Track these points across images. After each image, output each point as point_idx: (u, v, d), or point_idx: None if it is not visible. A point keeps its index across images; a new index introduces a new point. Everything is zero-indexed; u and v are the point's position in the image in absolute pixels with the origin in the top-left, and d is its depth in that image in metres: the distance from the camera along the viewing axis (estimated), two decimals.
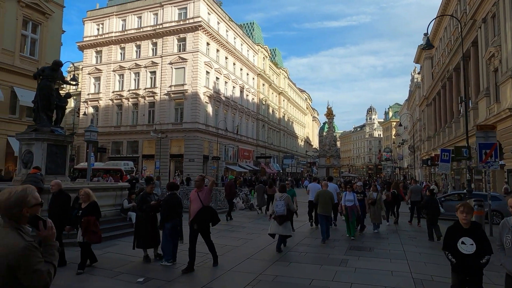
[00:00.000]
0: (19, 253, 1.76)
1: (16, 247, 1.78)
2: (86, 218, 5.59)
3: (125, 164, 30.46)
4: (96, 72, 40.94)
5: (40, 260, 1.84)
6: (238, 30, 46.28)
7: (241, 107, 46.04)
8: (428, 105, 44.61)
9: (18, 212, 1.87)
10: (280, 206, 7.60)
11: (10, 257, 1.75)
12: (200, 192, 6.08)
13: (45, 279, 1.84)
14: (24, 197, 1.91)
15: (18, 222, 1.89)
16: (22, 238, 1.83)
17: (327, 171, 54.40)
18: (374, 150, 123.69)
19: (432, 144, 41.25)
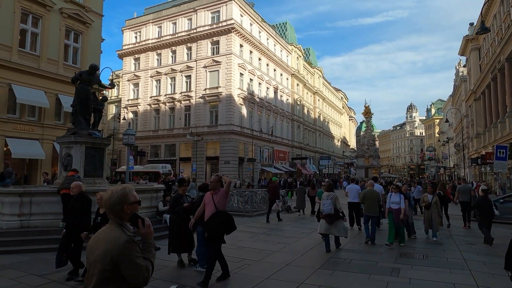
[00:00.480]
0: (121, 247, 1.87)
1: (119, 241, 1.89)
2: (104, 225, 5.09)
3: (163, 167, 31.19)
4: (134, 78, 42.39)
5: (139, 255, 1.94)
6: (271, 31, 45.96)
7: (275, 108, 45.59)
8: (476, 100, 41.52)
9: (120, 209, 1.99)
10: (327, 205, 7.67)
11: (113, 251, 1.86)
12: (215, 195, 5.50)
13: (143, 273, 1.92)
14: (124, 195, 2.02)
15: (120, 219, 2.02)
16: (124, 233, 1.95)
17: (366, 171, 52.43)
18: (416, 149, 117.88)
19: (482, 142, 38.25)
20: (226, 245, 7.68)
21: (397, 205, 8.48)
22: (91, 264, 1.96)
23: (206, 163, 36.93)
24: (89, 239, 5.07)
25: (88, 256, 2.01)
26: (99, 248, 1.93)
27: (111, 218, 2.04)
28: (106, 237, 1.95)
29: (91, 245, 2.02)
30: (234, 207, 14.14)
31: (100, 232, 2.06)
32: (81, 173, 8.87)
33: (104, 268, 1.89)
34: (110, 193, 2.06)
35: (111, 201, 2.02)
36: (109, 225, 2.03)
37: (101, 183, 9.38)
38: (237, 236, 9.11)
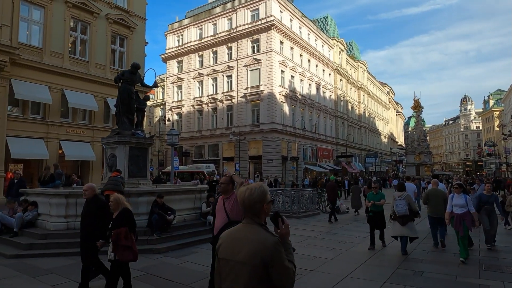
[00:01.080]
0: (271, 249, 1.77)
1: (268, 242, 1.79)
2: (116, 231, 4.39)
3: (207, 166, 31.38)
4: (178, 81, 43.34)
5: (286, 257, 1.84)
6: (311, 26, 44.69)
7: (318, 104, 44.26)
8: None
9: (260, 208, 1.92)
10: (401, 205, 7.29)
11: (264, 252, 1.76)
12: (226, 200, 4.34)
13: (292, 277, 1.84)
14: (264, 193, 1.96)
15: (259, 218, 1.93)
16: (270, 234, 1.86)
17: (417, 169, 49.16)
18: (472, 144, 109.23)
19: None
20: None
21: (462, 208, 6.88)
22: (232, 266, 1.83)
23: (249, 163, 36.68)
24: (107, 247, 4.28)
25: (223, 256, 1.88)
26: (244, 249, 1.81)
27: (248, 217, 1.94)
28: (252, 238, 1.83)
29: (227, 245, 1.90)
30: (280, 208, 13.52)
31: (237, 231, 1.92)
32: (125, 174, 8.75)
33: (253, 270, 1.77)
34: (249, 191, 1.96)
35: (252, 199, 1.93)
36: (247, 224, 1.92)
37: (145, 183, 9.23)
38: None
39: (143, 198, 7.71)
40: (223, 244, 1.93)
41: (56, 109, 17.05)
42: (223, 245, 1.93)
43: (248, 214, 1.95)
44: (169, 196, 8.26)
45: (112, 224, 4.53)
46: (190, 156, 40.68)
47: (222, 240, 1.96)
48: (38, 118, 16.71)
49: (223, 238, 1.97)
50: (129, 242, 4.41)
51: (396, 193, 7.66)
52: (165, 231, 7.47)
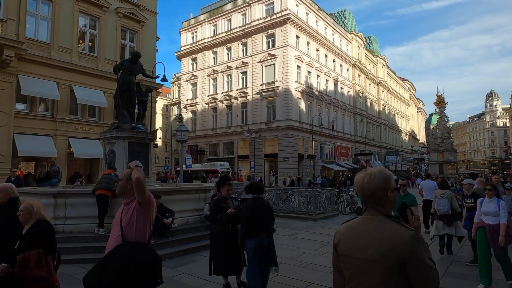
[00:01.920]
0: (409, 244, 1.53)
1: (403, 236, 1.55)
2: (23, 254, 2.84)
3: (221, 165, 30.73)
4: (192, 78, 42.87)
5: (427, 254, 1.56)
6: (328, 19, 43.28)
7: (335, 101, 42.85)
8: None
9: (383, 195, 1.67)
10: (443, 204, 6.76)
11: (400, 248, 1.52)
12: (125, 208, 2.72)
13: (436, 277, 1.54)
14: (388, 178, 1.69)
15: (384, 208, 1.68)
16: (405, 227, 1.61)
17: (440, 167, 46.96)
18: (499, 141, 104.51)
19: None
20: (286, 261, 6.19)
21: (495, 218, 5.10)
22: (359, 265, 1.60)
23: (265, 161, 35.79)
24: (8, 271, 2.75)
25: (346, 253, 1.65)
26: (373, 245, 1.58)
27: (370, 208, 1.69)
28: (382, 232, 1.59)
29: (349, 241, 1.66)
30: (295, 208, 12.56)
31: (359, 225, 1.67)
32: None
33: (387, 269, 1.53)
34: (369, 176, 1.69)
35: (372, 185, 1.67)
36: (371, 216, 1.67)
37: (147, 182, 8.48)
38: (300, 246, 7.54)
39: None
40: (344, 240, 1.71)
41: (64, 106, 16.65)
42: (344, 240, 1.71)
43: (369, 204, 1.70)
44: (169, 196, 7.48)
45: (18, 244, 2.93)
46: (205, 155, 40.14)
47: (341, 235, 1.73)
48: (46, 115, 16.36)
49: (341, 232, 1.74)
50: (43, 272, 2.86)
51: (438, 191, 7.14)
52: (163, 236, 6.67)
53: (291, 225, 10.55)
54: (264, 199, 4.46)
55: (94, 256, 5.95)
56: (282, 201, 12.94)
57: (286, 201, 12.68)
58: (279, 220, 11.54)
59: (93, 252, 6.07)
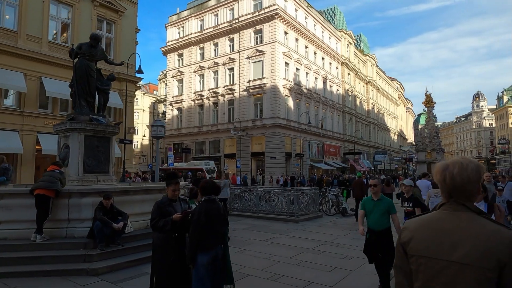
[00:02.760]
0: (509, 245, 1.32)
1: (504, 237, 1.34)
2: None
3: (206, 163, 29.81)
4: (178, 74, 41.76)
5: None
6: (318, 16, 42.64)
7: (324, 99, 42.27)
8: None
9: (474, 189, 1.44)
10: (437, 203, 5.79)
11: (502, 250, 1.31)
12: None
13: None
14: (481, 170, 1.48)
15: (472, 203, 1.47)
16: (502, 225, 1.41)
17: (428, 167, 46.76)
18: (485, 142, 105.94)
19: None
20: (254, 272, 5.38)
21: None
22: (444, 267, 1.36)
23: (251, 159, 34.98)
24: None
25: (423, 253, 1.41)
26: (464, 245, 1.35)
27: (453, 202, 1.46)
28: (476, 231, 1.36)
29: (427, 239, 1.43)
30: (277, 209, 11.77)
31: (440, 221, 1.44)
32: (80, 168, 7.12)
33: (484, 274, 1.30)
34: (460, 165, 1.46)
35: (465, 177, 1.43)
36: (459, 212, 1.43)
37: (106, 180, 7.56)
38: (275, 253, 6.73)
39: (88, 200, 6.01)
40: (418, 238, 1.46)
41: (33, 99, 15.53)
42: (418, 238, 1.46)
43: (457, 198, 1.46)
44: (126, 197, 6.58)
45: None
46: (191, 153, 39.11)
47: (413, 232, 1.49)
48: (12, 108, 15.21)
49: (412, 229, 1.50)
50: None
51: (433, 190, 6.88)
52: (114, 243, 5.77)
53: (270, 228, 9.76)
54: (218, 202, 3.62)
55: (31, 268, 5.05)
56: (264, 202, 12.13)
57: (268, 201, 11.86)
58: (259, 222, 10.77)
59: (29, 263, 5.15)
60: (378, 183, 4.86)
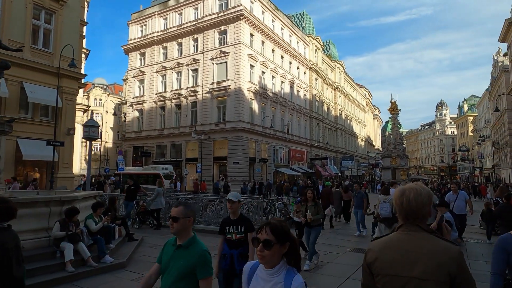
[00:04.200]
0: (458, 260, 1.54)
1: (452, 252, 1.55)
2: None
3: (163, 168, 28.27)
4: (140, 74, 39.88)
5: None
6: (285, 20, 42.24)
7: (291, 104, 41.79)
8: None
9: (426, 211, 1.64)
10: (385, 208, 7.49)
11: (450, 265, 1.52)
12: None
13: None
14: (431, 194, 1.69)
15: (425, 223, 1.66)
16: (450, 242, 1.62)
17: (392, 173, 47.43)
18: (447, 149, 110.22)
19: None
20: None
21: None
22: (405, 283, 1.54)
23: (214, 164, 33.70)
24: None
25: (388, 272, 1.58)
26: (420, 262, 1.54)
27: (409, 224, 1.64)
28: (430, 248, 1.56)
29: (390, 258, 1.59)
30: (210, 220, 10.49)
31: (400, 241, 1.60)
32: None
33: (438, 286, 1.51)
34: (415, 191, 1.64)
35: (420, 201, 1.62)
36: (414, 232, 1.61)
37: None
38: None
39: None
40: (382, 258, 1.62)
41: None
42: (382, 258, 1.62)
43: (412, 220, 1.63)
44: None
45: None
46: (151, 157, 37.28)
47: (377, 253, 1.64)
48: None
49: (376, 250, 1.65)
50: None
51: (381, 197, 7.87)
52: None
53: None
54: (13, 230, 2.46)
55: None
56: (206, 211, 10.94)
57: (205, 210, 10.64)
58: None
59: None
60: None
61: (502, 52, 52.68)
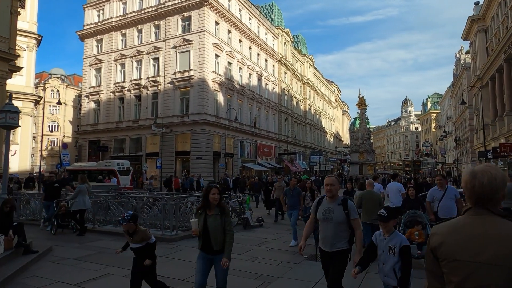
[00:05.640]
0: None
1: None
2: None
3: (119, 163, 25.96)
4: (96, 63, 36.97)
5: None
6: (254, 10, 40.73)
7: (259, 97, 40.47)
8: (483, 87, 36.94)
9: (500, 196, 1.56)
10: None
11: None
12: None
13: None
14: (505, 179, 1.60)
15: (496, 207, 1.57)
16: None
17: (360, 168, 47.67)
18: (411, 145, 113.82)
19: (491, 133, 33.67)
20: None
21: None
22: (474, 269, 1.46)
23: (176, 159, 31.77)
24: None
25: (454, 257, 1.51)
26: (491, 247, 1.46)
27: (479, 207, 1.55)
28: (502, 232, 1.47)
29: (456, 243, 1.53)
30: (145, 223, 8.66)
31: (466, 225, 1.54)
32: None
33: (510, 272, 1.42)
34: (489, 175, 1.55)
35: (495, 185, 1.54)
36: (484, 216, 1.53)
37: None
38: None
39: None
40: (449, 242, 1.55)
41: None
42: (449, 243, 1.56)
43: (483, 204, 1.56)
44: None
45: None
46: (109, 151, 34.73)
47: (443, 237, 1.57)
48: None
49: (442, 234, 1.58)
50: None
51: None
52: None
53: (121, 255, 6.94)
54: None
55: None
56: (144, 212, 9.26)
57: (142, 211, 8.92)
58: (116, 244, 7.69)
59: None
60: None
61: (464, 50, 54.15)
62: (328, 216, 3.61)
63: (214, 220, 3.61)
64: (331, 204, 3.66)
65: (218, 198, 3.65)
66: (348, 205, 3.63)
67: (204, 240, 3.65)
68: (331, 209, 3.63)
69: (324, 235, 3.67)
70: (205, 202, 3.67)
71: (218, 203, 3.67)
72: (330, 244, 3.61)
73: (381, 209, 3.58)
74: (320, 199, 3.83)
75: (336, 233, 3.58)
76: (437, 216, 6.06)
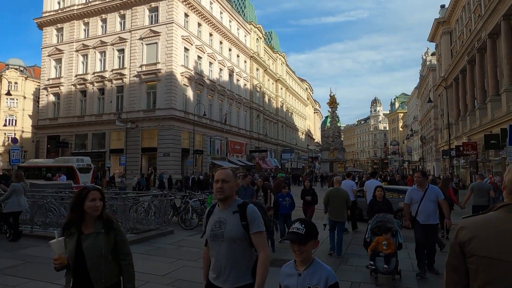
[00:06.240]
0: None
1: None
2: None
3: (79, 160, 24.31)
4: (56, 53, 34.68)
5: None
6: (225, 4, 39.76)
7: (230, 93, 39.66)
8: (448, 88, 38.17)
9: None
10: None
11: None
12: None
13: None
14: None
15: None
16: None
17: (330, 165, 48.06)
18: (380, 143, 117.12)
19: (455, 132, 34.80)
20: None
21: None
22: (507, 268, 1.39)
23: (142, 156, 30.40)
24: None
25: (484, 253, 1.43)
26: None
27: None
28: None
29: (487, 239, 1.44)
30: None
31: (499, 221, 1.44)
32: None
33: None
34: None
35: None
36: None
37: None
38: None
39: None
40: (480, 238, 1.46)
41: None
42: (480, 238, 1.46)
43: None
44: None
45: None
46: (69, 147, 32.70)
47: (473, 232, 1.47)
48: None
49: (472, 228, 1.49)
50: None
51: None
52: None
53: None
54: None
55: None
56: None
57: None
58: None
59: None
60: None
61: (430, 52, 55.96)
62: (218, 231, 2.25)
63: (95, 241, 2.29)
64: (224, 212, 2.30)
65: (100, 207, 2.35)
66: (247, 213, 2.25)
67: (77, 275, 2.30)
68: (222, 220, 2.27)
69: (215, 262, 2.29)
70: (77, 214, 2.34)
71: (100, 214, 2.37)
72: (224, 276, 2.22)
73: (297, 223, 1.99)
74: (212, 207, 2.42)
75: (233, 258, 2.22)
76: (417, 221, 5.30)
